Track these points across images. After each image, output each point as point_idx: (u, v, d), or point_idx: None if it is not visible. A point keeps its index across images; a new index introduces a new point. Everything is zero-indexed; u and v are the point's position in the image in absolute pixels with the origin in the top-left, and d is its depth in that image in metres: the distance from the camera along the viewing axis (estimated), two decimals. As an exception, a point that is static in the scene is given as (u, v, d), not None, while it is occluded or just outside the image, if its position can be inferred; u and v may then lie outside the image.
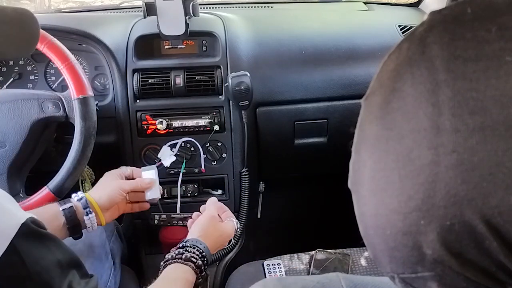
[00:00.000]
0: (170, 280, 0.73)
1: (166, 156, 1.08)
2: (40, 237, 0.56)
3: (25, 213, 0.56)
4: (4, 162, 0.92)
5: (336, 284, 0.54)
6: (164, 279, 0.73)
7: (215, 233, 0.85)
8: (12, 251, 0.50)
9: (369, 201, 0.28)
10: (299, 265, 1.05)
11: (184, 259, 0.75)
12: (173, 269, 0.74)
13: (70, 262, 0.59)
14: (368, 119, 0.28)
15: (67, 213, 0.82)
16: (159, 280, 0.72)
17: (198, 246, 0.78)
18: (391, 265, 0.28)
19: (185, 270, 0.74)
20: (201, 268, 0.76)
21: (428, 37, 0.25)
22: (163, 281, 0.72)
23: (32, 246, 0.54)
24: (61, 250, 0.59)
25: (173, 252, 0.78)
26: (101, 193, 0.89)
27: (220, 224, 0.88)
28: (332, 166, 1.20)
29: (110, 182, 0.92)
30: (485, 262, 0.23)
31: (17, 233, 0.52)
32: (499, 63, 0.22)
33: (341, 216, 0.88)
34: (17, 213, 0.55)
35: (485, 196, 0.22)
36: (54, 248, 0.58)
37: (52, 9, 1.91)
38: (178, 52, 1.16)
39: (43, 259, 0.55)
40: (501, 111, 0.22)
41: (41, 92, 0.98)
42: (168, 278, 0.73)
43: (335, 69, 1.17)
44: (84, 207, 0.84)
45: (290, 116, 1.16)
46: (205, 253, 0.78)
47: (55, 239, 0.59)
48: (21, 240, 0.52)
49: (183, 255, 0.76)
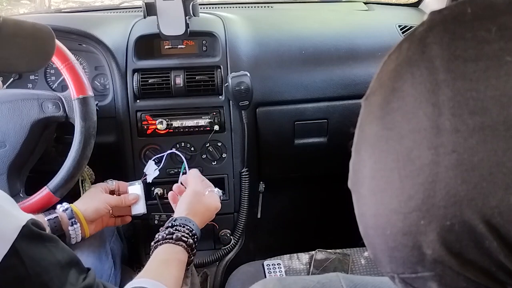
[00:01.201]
0: (163, 262, 0.73)
1: (151, 171, 1.07)
2: (40, 239, 0.56)
3: (25, 215, 0.56)
4: (4, 162, 0.92)
5: (336, 284, 0.55)
6: (156, 260, 0.73)
7: (202, 208, 0.85)
8: (13, 253, 0.51)
9: (369, 201, 0.28)
10: (299, 265, 1.05)
11: (175, 239, 0.75)
12: (164, 250, 0.75)
13: (69, 261, 0.60)
14: (368, 119, 0.28)
15: (52, 223, 0.83)
16: (152, 262, 0.72)
17: (188, 225, 0.78)
18: (391, 265, 0.28)
19: (177, 250, 0.75)
20: (192, 247, 0.76)
21: (428, 37, 0.25)
22: (156, 263, 0.72)
23: (32, 248, 0.54)
24: (59, 249, 0.59)
25: (163, 232, 0.77)
26: (87, 205, 0.90)
27: (205, 197, 0.88)
28: (332, 166, 1.20)
29: (96, 194, 0.94)
30: (485, 262, 0.23)
31: (18, 235, 0.52)
32: (499, 63, 0.22)
33: (341, 216, 0.88)
34: (17, 215, 0.55)
35: (485, 196, 0.22)
36: (54, 249, 0.58)
37: (52, 9, 1.92)
38: (178, 52, 1.16)
39: (43, 260, 0.55)
40: (501, 111, 0.22)
41: (41, 92, 0.98)
42: (161, 260, 0.73)
43: (335, 69, 1.17)
44: (69, 217, 0.86)
45: (290, 116, 1.16)
46: (195, 231, 0.79)
47: (54, 239, 0.60)
48: (22, 243, 0.52)
49: (173, 235, 0.76)
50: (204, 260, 1.16)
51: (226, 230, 1.19)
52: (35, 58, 0.66)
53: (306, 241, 1.18)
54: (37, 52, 0.66)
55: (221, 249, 1.19)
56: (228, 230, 1.19)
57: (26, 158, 0.96)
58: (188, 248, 0.76)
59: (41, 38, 0.65)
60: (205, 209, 0.86)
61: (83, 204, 0.90)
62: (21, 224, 0.53)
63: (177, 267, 0.72)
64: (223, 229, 1.19)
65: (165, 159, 1.07)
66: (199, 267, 1.16)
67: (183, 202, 0.86)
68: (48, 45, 0.67)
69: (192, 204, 0.85)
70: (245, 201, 1.17)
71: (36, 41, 0.65)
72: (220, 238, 1.18)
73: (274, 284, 0.53)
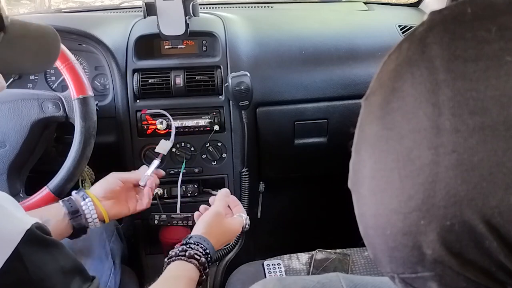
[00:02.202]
0: (173, 278, 0.72)
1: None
2: (44, 244, 0.56)
3: (30, 218, 0.55)
4: (4, 162, 0.92)
5: (336, 284, 0.55)
6: (166, 277, 0.72)
7: (219, 230, 0.83)
8: (16, 257, 0.50)
9: (369, 201, 0.28)
10: (299, 265, 1.05)
11: (187, 256, 0.74)
12: (176, 267, 0.73)
13: (72, 268, 0.59)
14: (368, 119, 0.28)
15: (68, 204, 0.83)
16: (162, 277, 0.72)
17: (202, 243, 0.77)
18: (391, 265, 0.28)
19: (188, 267, 0.73)
20: (204, 265, 0.75)
21: (428, 37, 0.25)
22: (166, 279, 0.72)
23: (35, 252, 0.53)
24: (64, 256, 0.58)
25: (177, 249, 0.77)
26: (97, 184, 0.91)
27: (226, 220, 0.86)
28: (332, 166, 1.20)
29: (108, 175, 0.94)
30: (485, 262, 0.23)
31: (21, 239, 0.51)
32: (499, 63, 0.22)
33: (341, 216, 0.88)
34: (22, 218, 0.54)
35: (485, 196, 0.22)
36: (58, 255, 0.57)
37: (52, 9, 1.92)
38: (178, 52, 1.16)
39: (46, 266, 0.54)
40: (501, 111, 0.22)
41: (41, 92, 0.98)
42: (171, 276, 0.72)
43: (335, 69, 1.17)
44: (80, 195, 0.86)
45: (290, 116, 1.16)
46: (208, 250, 0.77)
47: (59, 244, 0.59)
48: (26, 247, 0.51)
49: (186, 252, 0.75)
50: (204, 260, 1.16)
51: (226, 230, 1.19)
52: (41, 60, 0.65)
53: (306, 241, 1.18)
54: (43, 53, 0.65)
55: (221, 249, 1.19)
56: (228, 230, 1.19)
57: (26, 158, 0.96)
58: (200, 267, 0.74)
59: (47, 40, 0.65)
60: (223, 231, 0.84)
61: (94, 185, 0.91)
62: (25, 228, 0.52)
63: (186, 285, 0.71)
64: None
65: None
66: (199, 267, 1.16)
67: (202, 221, 0.84)
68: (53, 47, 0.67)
69: (210, 224, 0.83)
70: (245, 201, 1.17)
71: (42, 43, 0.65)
72: (220, 238, 1.18)
73: (274, 284, 0.53)
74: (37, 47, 0.64)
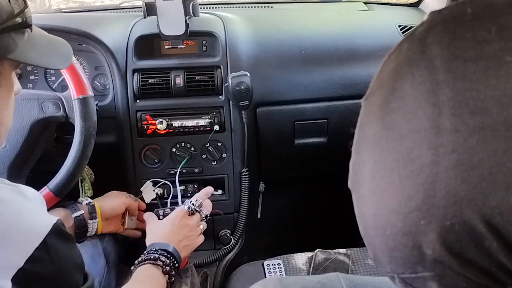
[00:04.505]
0: (138, 281, 0.80)
1: (149, 190, 1.10)
2: (66, 238, 0.60)
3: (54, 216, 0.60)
4: (4, 162, 0.92)
5: (336, 284, 0.55)
6: (134, 280, 0.80)
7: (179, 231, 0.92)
8: (43, 247, 0.54)
9: (369, 201, 0.28)
10: (299, 265, 1.05)
11: (153, 259, 0.83)
12: (142, 270, 0.82)
13: (80, 264, 0.64)
14: (368, 119, 0.28)
15: (78, 220, 0.91)
16: (130, 282, 0.79)
17: (165, 248, 0.86)
18: (391, 265, 0.28)
19: (153, 269, 0.82)
20: (170, 266, 0.83)
21: (428, 37, 0.25)
22: (133, 282, 0.79)
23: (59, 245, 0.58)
24: (77, 251, 0.64)
25: (143, 255, 0.85)
26: (106, 202, 0.98)
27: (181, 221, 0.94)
28: (332, 166, 1.20)
29: (118, 195, 1.03)
30: (485, 262, 0.23)
31: (49, 231, 0.55)
32: (499, 63, 0.22)
33: (341, 216, 0.88)
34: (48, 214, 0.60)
35: (485, 196, 0.22)
36: (73, 250, 0.63)
37: (52, 9, 1.92)
38: (178, 52, 1.16)
39: (67, 259, 0.59)
40: (501, 111, 0.22)
41: (41, 92, 0.98)
42: (137, 279, 0.80)
43: (335, 69, 1.17)
44: (90, 211, 0.93)
45: (290, 116, 1.16)
46: (172, 252, 0.86)
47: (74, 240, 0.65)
48: (52, 239, 0.56)
49: (151, 256, 0.83)
50: (204, 260, 1.16)
51: (226, 230, 1.19)
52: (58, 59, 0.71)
53: (306, 241, 1.18)
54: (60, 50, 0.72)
55: (221, 249, 1.19)
56: (228, 230, 1.19)
57: (26, 158, 0.96)
58: (165, 268, 0.83)
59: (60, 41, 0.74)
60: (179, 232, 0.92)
61: (103, 201, 0.98)
62: (52, 222, 0.57)
63: (151, 285, 0.80)
64: (223, 229, 1.19)
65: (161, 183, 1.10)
66: (199, 267, 1.16)
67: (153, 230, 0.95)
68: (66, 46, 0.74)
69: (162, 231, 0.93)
70: (245, 201, 1.17)
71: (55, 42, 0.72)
72: (220, 238, 1.18)
73: (274, 284, 0.53)
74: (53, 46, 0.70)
